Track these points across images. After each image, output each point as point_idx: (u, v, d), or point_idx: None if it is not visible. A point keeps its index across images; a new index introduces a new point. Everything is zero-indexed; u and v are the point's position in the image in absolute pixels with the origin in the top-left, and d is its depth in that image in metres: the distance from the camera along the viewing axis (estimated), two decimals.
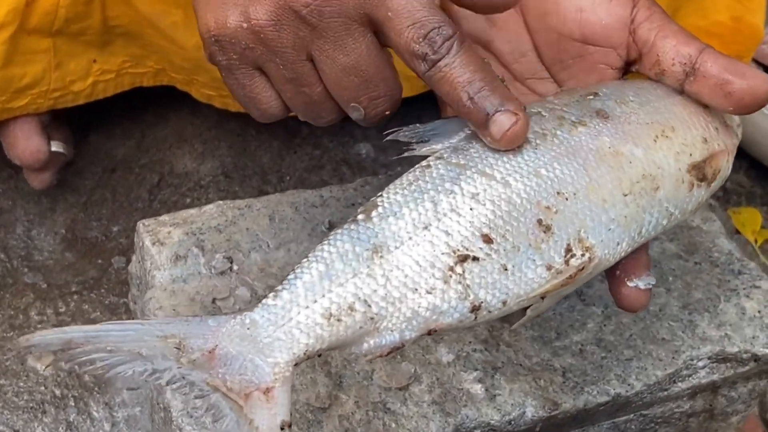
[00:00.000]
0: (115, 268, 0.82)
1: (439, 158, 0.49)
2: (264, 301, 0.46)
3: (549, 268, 0.48)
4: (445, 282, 0.46)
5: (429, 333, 0.47)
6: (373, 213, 0.47)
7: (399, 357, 0.63)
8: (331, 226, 0.69)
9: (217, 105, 0.83)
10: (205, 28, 0.51)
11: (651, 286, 0.52)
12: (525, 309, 0.49)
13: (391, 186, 0.49)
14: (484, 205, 0.47)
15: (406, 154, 0.49)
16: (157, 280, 0.64)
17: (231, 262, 0.65)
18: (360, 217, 0.47)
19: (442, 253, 0.47)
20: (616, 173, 0.49)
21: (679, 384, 0.65)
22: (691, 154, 0.52)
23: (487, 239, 0.47)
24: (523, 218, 0.47)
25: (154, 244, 0.66)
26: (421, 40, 0.47)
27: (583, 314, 0.67)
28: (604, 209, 0.49)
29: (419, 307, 0.46)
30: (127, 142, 0.90)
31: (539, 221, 0.48)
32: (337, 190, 0.71)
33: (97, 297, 0.79)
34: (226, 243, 0.66)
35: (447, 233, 0.47)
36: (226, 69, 0.52)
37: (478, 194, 0.48)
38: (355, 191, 0.71)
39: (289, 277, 0.47)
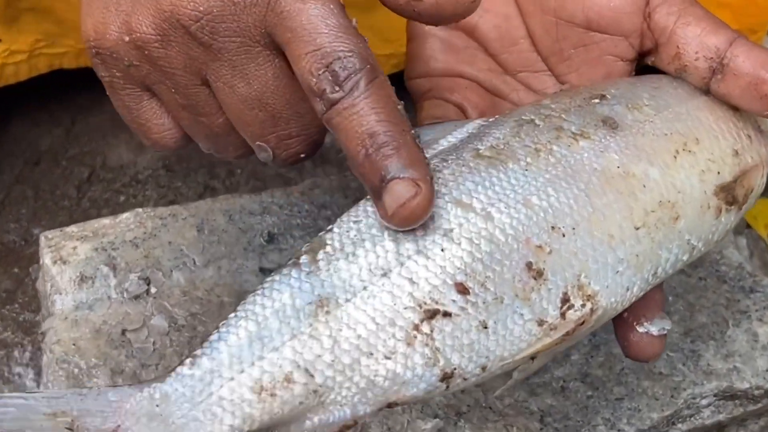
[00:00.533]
0: (34, 278, 0.74)
1: None
2: (178, 369, 0.40)
3: (541, 323, 0.41)
4: (409, 344, 0.40)
5: (389, 406, 0.41)
6: (320, 254, 0.41)
7: None
8: (271, 239, 0.62)
9: None
10: (85, 37, 0.43)
11: (666, 332, 0.46)
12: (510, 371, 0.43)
13: (344, 216, 0.42)
14: (459, 244, 0.41)
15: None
16: (57, 307, 0.57)
17: (148, 284, 0.59)
18: (303, 259, 0.41)
19: (405, 308, 0.40)
20: (626, 201, 0.43)
21: (679, 426, 0.58)
22: (719, 173, 0.45)
23: (463, 289, 0.40)
24: (509, 261, 0.41)
25: (55, 262, 0.57)
26: (320, 72, 0.39)
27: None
28: (611, 247, 0.42)
29: (376, 375, 0.40)
30: (54, 130, 0.85)
31: (529, 265, 0.41)
32: (280, 195, 0.64)
33: (10, 313, 0.72)
34: (144, 260, 0.59)
35: (411, 281, 0.40)
36: (109, 87, 0.45)
37: (451, 231, 0.41)
38: (301, 196, 0.64)
39: (212, 338, 0.40)
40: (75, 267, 0.58)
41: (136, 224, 0.61)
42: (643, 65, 0.50)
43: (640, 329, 0.46)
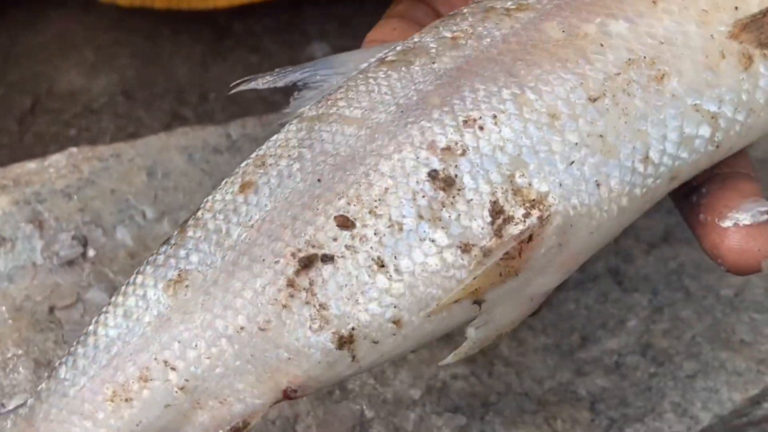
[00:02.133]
0: None
1: (296, 117, 0.39)
2: (41, 385, 0.38)
3: (466, 248, 0.35)
4: (285, 306, 0.35)
5: (287, 396, 0.36)
6: (189, 221, 0.38)
7: (338, 392, 0.47)
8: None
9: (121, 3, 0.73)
10: None
11: (766, 217, 0.37)
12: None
13: (226, 179, 0.39)
14: (343, 169, 0.36)
15: (281, 121, 0.39)
16: None
17: (84, 246, 0.53)
18: (175, 233, 0.38)
19: (275, 262, 0.35)
20: (572, 69, 0.36)
21: (766, 407, 0.51)
22: (737, 7, 0.37)
23: (344, 222, 0.35)
24: (404, 175, 0.35)
25: None
26: None
27: (620, 306, 0.52)
28: (555, 131, 0.36)
29: (253, 354, 0.35)
30: None
31: (433, 174, 0.35)
32: (253, 126, 0.58)
33: None
34: (79, 215, 0.54)
35: (280, 226, 0.36)
36: None
37: (333, 154, 0.37)
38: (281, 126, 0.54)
39: (74, 342, 0.38)
40: None
41: (69, 168, 0.55)
42: None
43: (725, 224, 0.37)
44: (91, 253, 0.53)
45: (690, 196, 0.38)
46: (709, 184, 0.38)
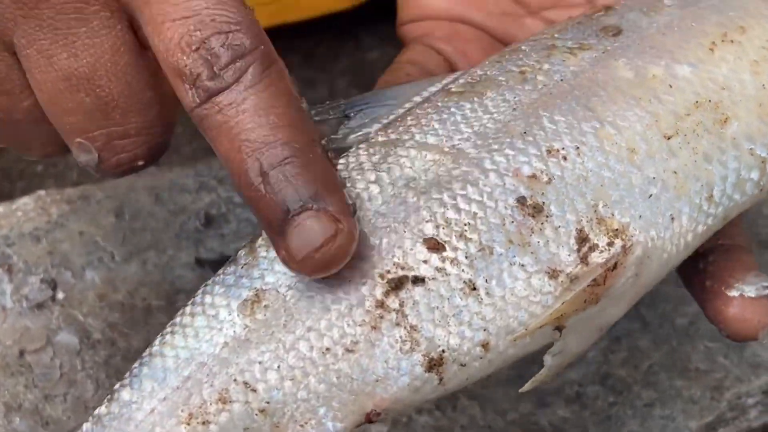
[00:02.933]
0: None
1: (362, 142, 0.38)
2: (96, 410, 0.36)
3: (554, 274, 0.35)
4: (374, 328, 0.35)
5: (369, 420, 0.36)
6: (259, 241, 0.37)
7: None
8: (209, 222, 0.56)
9: None
10: None
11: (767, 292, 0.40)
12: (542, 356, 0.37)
13: None
14: (427, 194, 0.36)
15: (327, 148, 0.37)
16: None
17: (53, 289, 0.53)
18: (241, 252, 0.37)
19: (362, 283, 0.35)
20: (646, 107, 0.38)
21: None
22: None
23: (434, 245, 0.35)
24: (492, 201, 0.36)
25: None
26: (194, 47, 0.33)
27: None
28: (635, 165, 0.37)
29: (338, 377, 0.35)
30: None
31: (521, 200, 0.36)
32: (219, 166, 0.58)
33: None
34: (48, 258, 0.54)
35: (369, 247, 0.35)
36: None
37: (414, 179, 0.36)
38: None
39: (135, 365, 0.37)
40: None
41: (37, 211, 0.55)
42: None
43: (732, 293, 0.39)
44: (60, 295, 0.52)
45: (696, 262, 0.40)
46: (715, 254, 0.40)
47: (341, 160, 0.37)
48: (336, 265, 0.33)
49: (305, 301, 0.35)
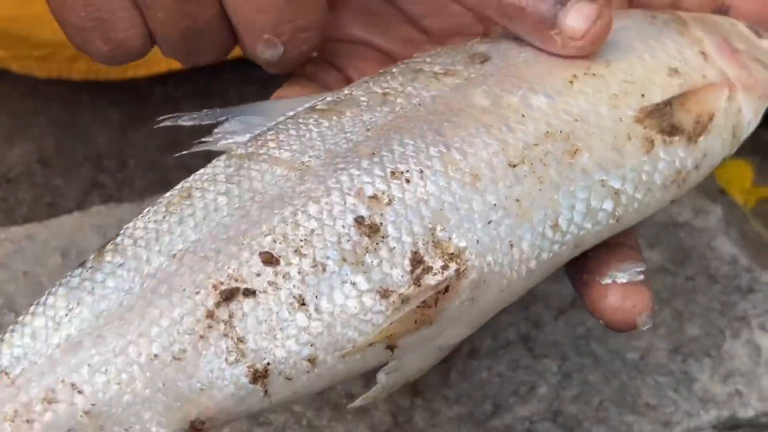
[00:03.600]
0: None
1: (224, 153, 0.39)
2: None
3: (385, 294, 0.35)
4: (202, 336, 0.35)
5: (194, 427, 0.35)
6: (108, 246, 0.37)
7: None
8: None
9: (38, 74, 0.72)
10: None
11: (641, 278, 0.39)
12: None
13: (149, 207, 0.38)
14: (271, 208, 0.36)
15: (195, 150, 0.39)
16: None
17: None
18: (90, 257, 0.37)
19: (195, 292, 0.35)
20: (495, 134, 0.38)
21: None
22: (643, 95, 0.40)
23: (269, 259, 0.35)
24: (331, 219, 0.36)
25: None
26: None
27: (531, 372, 0.52)
28: (476, 191, 0.37)
29: (164, 382, 0.35)
30: None
31: (359, 220, 0.36)
32: None
33: None
34: None
35: (203, 258, 0.36)
36: None
37: (260, 192, 0.37)
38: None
39: None
40: None
41: None
42: None
43: (604, 281, 0.39)
44: None
45: (577, 261, 0.39)
46: (594, 250, 0.39)
47: (199, 171, 0.38)
48: (605, 39, 0.39)
49: (140, 308, 0.35)
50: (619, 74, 0.40)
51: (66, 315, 0.36)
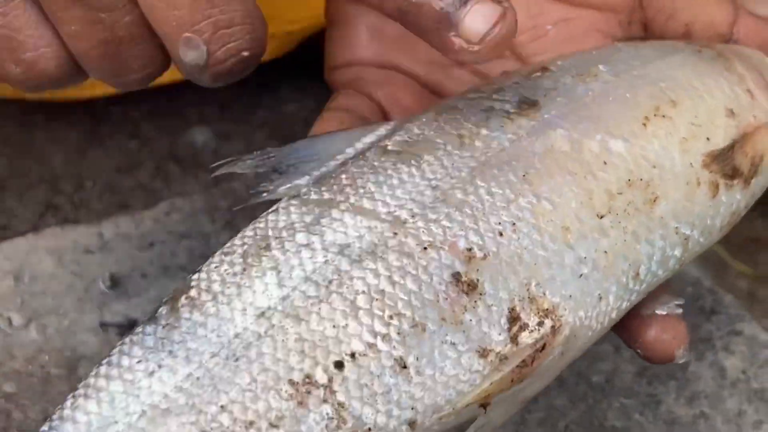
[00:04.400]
0: None
1: (293, 197, 0.37)
2: None
3: (484, 353, 0.35)
4: (301, 403, 0.34)
5: None
6: (182, 300, 0.35)
7: None
8: (114, 283, 0.55)
9: None
10: None
11: (681, 311, 0.40)
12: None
13: (218, 251, 0.37)
14: (360, 262, 0.35)
15: (254, 201, 0.37)
16: None
17: None
18: (161, 311, 0.35)
19: (292, 355, 0.34)
20: (581, 183, 0.38)
21: None
22: (708, 138, 0.40)
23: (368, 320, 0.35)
24: (428, 276, 0.35)
25: None
26: None
27: None
28: (568, 244, 0.37)
29: None
30: None
31: (456, 276, 0.35)
32: (126, 224, 0.57)
33: None
34: None
35: (297, 318, 0.34)
36: None
37: (348, 246, 0.35)
38: (154, 223, 0.57)
39: (44, 428, 0.34)
40: None
41: None
42: None
43: (644, 312, 0.40)
44: None
45: None
46: None
47: (270, 216, 0.36)
48: (506, 45, 0.36)
49: (229, 370, 0.33)
50: (686, 115, 0.40)
51: (146, 379, 0.34)
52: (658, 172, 0.39)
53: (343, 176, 0.37)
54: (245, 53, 0.37)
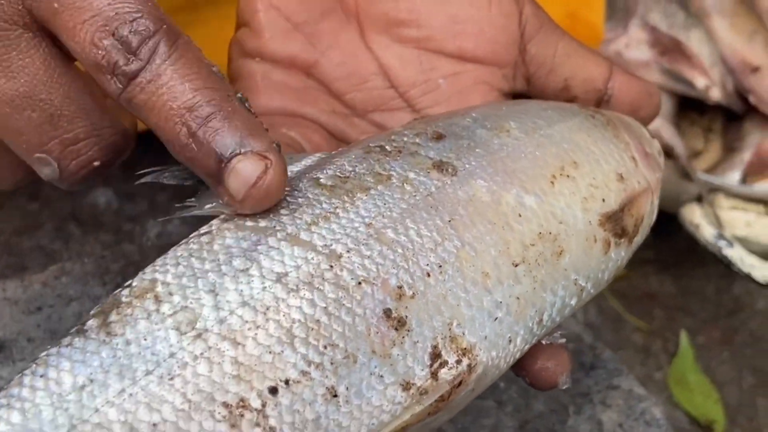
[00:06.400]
0: None
1: (227, 220, 0.37)
2: None
3: (407, 386, 0.36)
4: (234, 426, 0.34)
5: None
6: (112, 315, 0.35)
7: None
8: None
9: None
10: None
11: (564, 340, 0.43)
12: None
13: (148, 268, 0.36)
14: (297, 291, 0.36)
15: (179, 215, 0.38)
16: None
17: None
18: (90, 324, 0.35)
19: (228, 378, 0.34)
20: (500, 233, 0.40)
21: None
22: (603, 200, 0.43)
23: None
24: (361, 309, 0.36)
25: None
26: (106, 41, 0.36)
27: None
28: (487, 289, 0.39)
29: None
30: None
31: (387, 312, 0.36)
32: (14, 288, 0.54)
33: None
34: None
35: (235, 343, 0.34)
36: None
37: (286, 275, 0.36)
38: (43, 287, 0.55)
39: None
40: None
41: None
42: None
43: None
44: None
45: None
46: None
47: (204, 238, 0.36)
48: (273, 198, 0.36)
49: (164, 390, 0.33)
50: (586, 177, 0.43)
51: (76, 393, 0.33)
52: (564, 228, 0.41)
53: (278, 205, 0.38)
54: (96, 163, 0.39)
